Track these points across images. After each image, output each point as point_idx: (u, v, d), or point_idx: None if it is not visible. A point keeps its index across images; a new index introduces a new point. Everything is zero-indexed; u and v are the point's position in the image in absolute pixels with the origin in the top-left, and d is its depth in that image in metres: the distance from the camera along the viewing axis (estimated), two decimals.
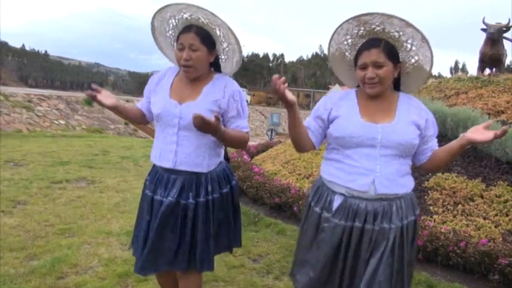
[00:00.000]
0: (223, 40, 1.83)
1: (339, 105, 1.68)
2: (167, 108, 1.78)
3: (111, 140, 11.01)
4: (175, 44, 1.87)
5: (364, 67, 1.59)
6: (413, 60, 1.67)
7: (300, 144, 1.69)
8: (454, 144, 1.60)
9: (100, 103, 1.83)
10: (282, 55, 78.68)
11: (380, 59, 1.56)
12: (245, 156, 6.20)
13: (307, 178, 4.77)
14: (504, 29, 6.56)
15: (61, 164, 6.40)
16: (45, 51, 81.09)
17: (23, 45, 78.59)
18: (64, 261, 2.86)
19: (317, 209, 1.68)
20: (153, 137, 2.02)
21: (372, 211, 1.58)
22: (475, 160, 4.16)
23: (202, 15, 1.76)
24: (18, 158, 6.63)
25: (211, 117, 1.57)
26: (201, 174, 1.81)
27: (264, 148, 7.43)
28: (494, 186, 3.77)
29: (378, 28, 1.62)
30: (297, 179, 4.82)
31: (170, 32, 1.90)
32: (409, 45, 1.63)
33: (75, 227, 3.58)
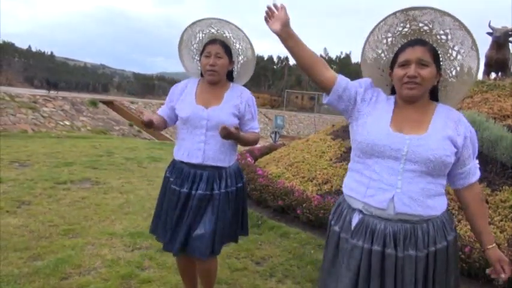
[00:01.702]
0: (240, 53, 2.22)
1: (378, 101, 1.52)
2: (195, 112, 2.07)
3: (115, 141, 11.04)
4: (196, 57, 2.24)
5: (405, 64, 1.42)
6: (454, 72, 1.52)
7: (313, 69, 1.50)
8: (480, 231, 1.52)
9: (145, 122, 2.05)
10: (287, 58, 78.70)
11: (425, 57, 1.41)
12: (249, 159, 6.20)
13: (311, 181, 4.76)
14: (510, 32, 6.53)
15: (65, 164, 6.43)
16: (51, 52, 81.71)
17: (29, 46, 79.24)
18: (67, 261, 2.87)
19: (336, 228, 1.54)
20: (155, 134, 2.28)
21: (392, 233, 1.40)
22: (480, 165, 4.11)
23: (228, 30, 2.13)
24: (23, 159, 6.66)
25: (233, 128, 1.92)
26: (222, 169, 2.11)
27: (267, 150, 7.42)
28: (500, 191, 3.75)
29: (426, 28, 1.47)
30: (301, 181, 4.81)
31: (195, 46, 2.23)
32: (454, 53, 1.48)
33: (79, 228, 3.59)
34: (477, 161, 1.53)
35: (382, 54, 1.57)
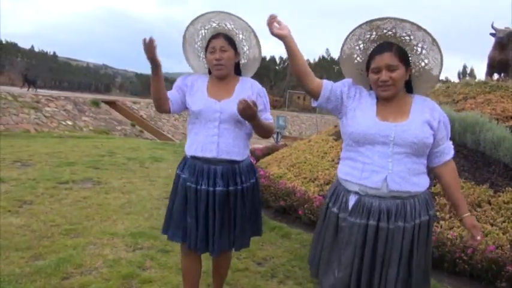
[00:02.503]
0: (245, 44, 2.16)
1: (362, 96, 1.73)
2: (208, 105, 2.04)
3: (117, 141, 11.06)
4: (201, 54, 2.21)
5: (377, 71, 1.63)
6: (423, 64, 1.72)
7: (304, 77, 1.73)
8: (455, 203, 1.77)
9: (153, 55, 1.88)
10: None
11: (393, 62, 1.61)
12: (250, 159, 6.19)
13: (313, 181, 4.75)
14: None
15: (67, 164, 6.44)
16: (54, 52, 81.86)
17: (32, 47, 79.45)
18: (69, 261, 2.87)
19: (334, 210, 1.72)
20: (157, 135, 2.20)
21: (386, 209, 1.61)
22: (482, 166, 4.12)
23: (229, 22, 2.08)
24: (25, 158, 6.68)
25: (251, 100, 1.86)
26: (235, 164, 2.09)
27: (269, 151, 7.41)
28: (502, 192, 3.73)
29: (390, 33, 1.66)
30: (303, 182, 4.80)
31: (199, 44, 2.20)
32: (419, 49, 1.68)
33: (81, 228, 3.60)
34: (451, 142, 1.76)
35: (358, 58, 1.78)
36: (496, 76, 6.77)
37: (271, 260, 3.23)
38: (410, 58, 1.69)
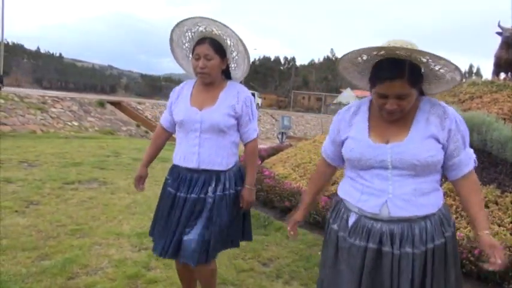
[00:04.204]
0: (233, 49, 2.08)
1: (351, 123, 1.56)
2: (189, 115, 2.01)
3: (122, 141, 11.11)
4: (190, 55, 2.11)
5: (384, 97, 1.40)
6: (438, 74, 1.48)
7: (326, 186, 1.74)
8: (473, 217, 1.48)
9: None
10: (294, 58, 78.73)
11: (404, 90, 1.37)
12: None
13: None
14: None
15: (73, 165, 6.47)
16: (60, 54, 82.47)
17: (38, 48, 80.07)
18: (75, 261, 2.88)
19: (335, 227, 1.59)
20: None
21: (388, 232, 1.43)
22: (489, 166, 4.09)
23: (215, 28, 2.00)
24: (31, 159, 6.72)
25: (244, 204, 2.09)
26: (220, 172, 2.04)
27: (274, 151, 7.41)
28: (510, 192, 3.69)
29: (404, 55, 1.40)
30: (308, 182, 4.78)
31: (186, 45, 2.15)
32: (438, 67, 1.43)
33: (87, 228, 3.61)
34: (471, 151, 1.51)
35: (360, 65, 1.52)
36: (502, 75, 6.71)
37: (277, 260, 3.22)
38: (423, 70, 1.44)
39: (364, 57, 1.47)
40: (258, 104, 30.63)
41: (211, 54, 1.98)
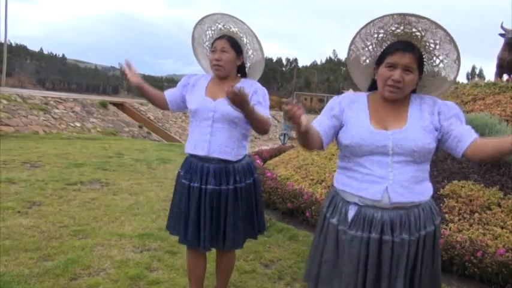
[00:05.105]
0: (249, 47, 2.18)
1: (351, 108, 1.61)
2: (203, 104, 2.08)
3: (125, 142, 11.12)
4: (210, 54, 2.18)
5: (392, 66, 1.49)
6: (432, 76, 1.63)
7: (309, 145, 1.56)
8: (505, 145, 1.33)
9: (128, 80, 2.14)
10: (296, 60, 78.77)
11: (412, 64, 1.49)
12: (258, 161, 6.19)
13: (320, 183, 4.73)
14: None
15: (76, 166, 6.49)
16: (63, 55, 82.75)
17: (41, 49, 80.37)
18: (77, 262, 2.89)
19: (334, 221, 1.60)
20: (164, 136, 2.26)
21: (389, 221, 1.49)
22: (492, 168, 4.07)
23: (233, 25, 2.12)
24: (34, 160, 6.74)
25: (240, 88, 1.77)
26: (229, 164, 2.09)
27: (276, 152, 7.40)
28: None
29: (418, 34, 1.54)
30: (310, 184, 4.79)
31: (207, 43, 2.24)
32: (438, 61, 1.59)
33: (89, 229, 3.62)
34: (468, 127, 1.55)
35: (370, 47, 1.63)
36: (505, 77, 6.68)
37: (278, 262, 3.22)
38: (425, 66, 1.59)
39: (380, 36, 1.58)
40: None
41: (227, 47, 2.07)
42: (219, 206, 2.08)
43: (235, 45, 2.11)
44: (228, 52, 2.08)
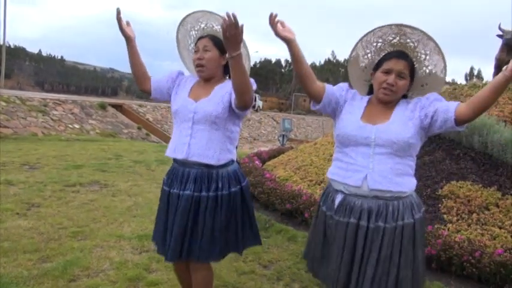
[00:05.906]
0: None
1: (351, 104, 1.81)
2: (184, 105, 1.99)
3: (124, 144, 11.12)
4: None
5: (388, 72, 1.69)
6: (420, 85, 1.81)
7: (307, 81, 1.74)
8: (498, 79, 1.44)
9: (121, 27, 2.01)
10: None
11: (405, 71, 1.69)
12: (256, 162, 6.20)
13: (319, 184, 4.74)
14: None
15: (75, 167, 6.49)
16: (61, 57, 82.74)
17: (40, 51, 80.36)
18: (76, 264, 2.89)
19: (323, 208, 1.82)
20: (163, 138, 2.16)
21: (367, 208, 1.67)
22: (490, 168, 4.09)
23: (215, 23, 2.01)
24: (33, 161, 6.74)
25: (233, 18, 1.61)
26: (212, 169, 1.95)
27: (275, 154, 7.41)
28: (511, 195, 3.70)
29: (411, 44, 1.73)
30: (309, 185, 4.79)
31: (192, 46, 2.14)
32: (428, 71, 1.76)
33: (88, 230, 3.62)
34: (448, 102, 1.64)
35: (369, 55, 1.83)
36: None
37: (277, 263, 3.23)
38: (414, 75, 1.76)
39: (379, 45, 1.78)
40: (259, 106, 30.59)
41: (209, 46, 1.97)
42: (197, 213, 1.93)
43: (218, 43, 1.96)
44: (211, 51, 1.96)
